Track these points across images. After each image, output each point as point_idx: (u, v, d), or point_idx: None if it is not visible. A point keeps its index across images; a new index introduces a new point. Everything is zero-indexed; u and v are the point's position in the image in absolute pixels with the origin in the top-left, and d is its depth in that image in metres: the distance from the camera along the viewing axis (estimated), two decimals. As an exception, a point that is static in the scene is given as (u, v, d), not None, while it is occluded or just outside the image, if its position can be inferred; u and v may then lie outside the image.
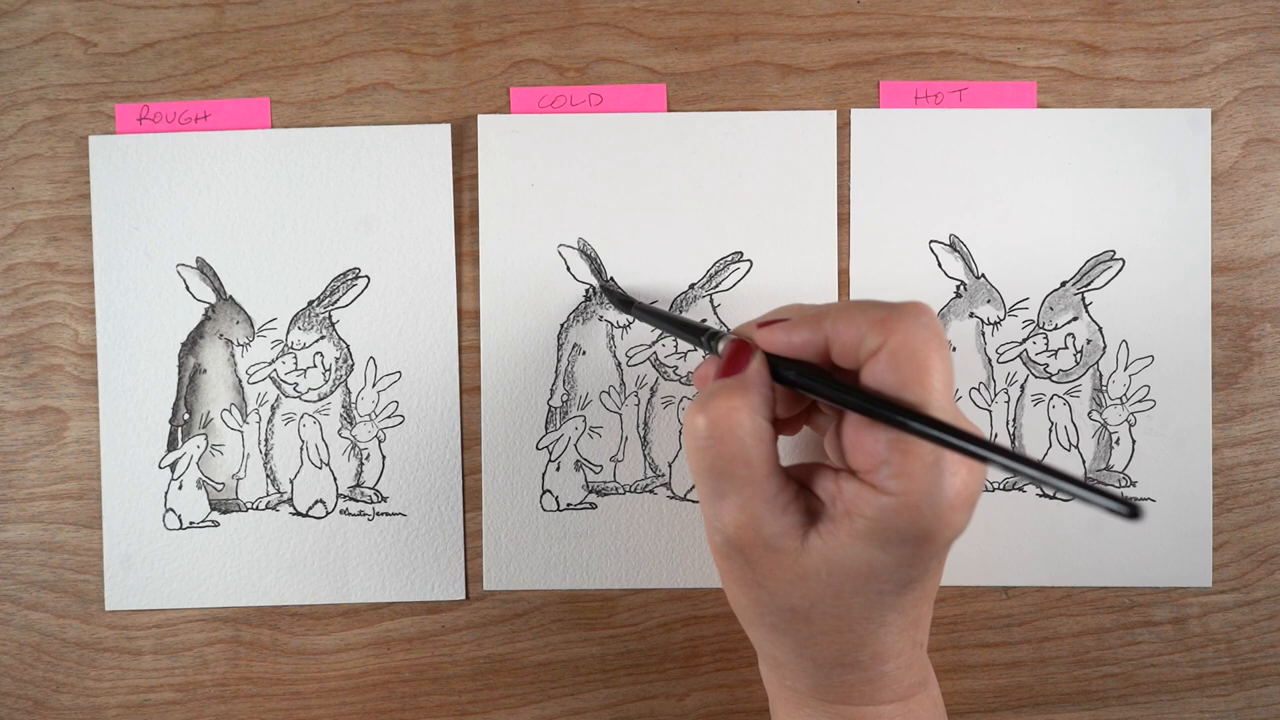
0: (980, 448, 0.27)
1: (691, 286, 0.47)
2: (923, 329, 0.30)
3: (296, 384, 0.47)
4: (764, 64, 0.47)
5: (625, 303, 0.45)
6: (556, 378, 0.47)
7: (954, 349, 0.47)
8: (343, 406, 0.47)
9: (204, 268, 0.47)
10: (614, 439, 0.47)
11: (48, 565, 0.47)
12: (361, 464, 0.47)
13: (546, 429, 0.47)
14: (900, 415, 0.29)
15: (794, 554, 0.32)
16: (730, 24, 0.47)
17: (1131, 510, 0.24)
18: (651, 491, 0.47)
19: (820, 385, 0.32)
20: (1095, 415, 0.47)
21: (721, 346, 0.35)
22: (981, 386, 0.47)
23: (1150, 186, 0.47)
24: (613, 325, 0.47)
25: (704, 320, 0.47)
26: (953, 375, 0.30)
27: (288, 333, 0.47)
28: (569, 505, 0.47)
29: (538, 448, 0.47)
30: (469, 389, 0.47)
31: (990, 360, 0.47)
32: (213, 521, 0.47)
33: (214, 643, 0.47)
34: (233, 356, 0.47)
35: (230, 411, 0.47)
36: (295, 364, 0.47)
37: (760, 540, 0.32)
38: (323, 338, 0.47)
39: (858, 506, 0.30)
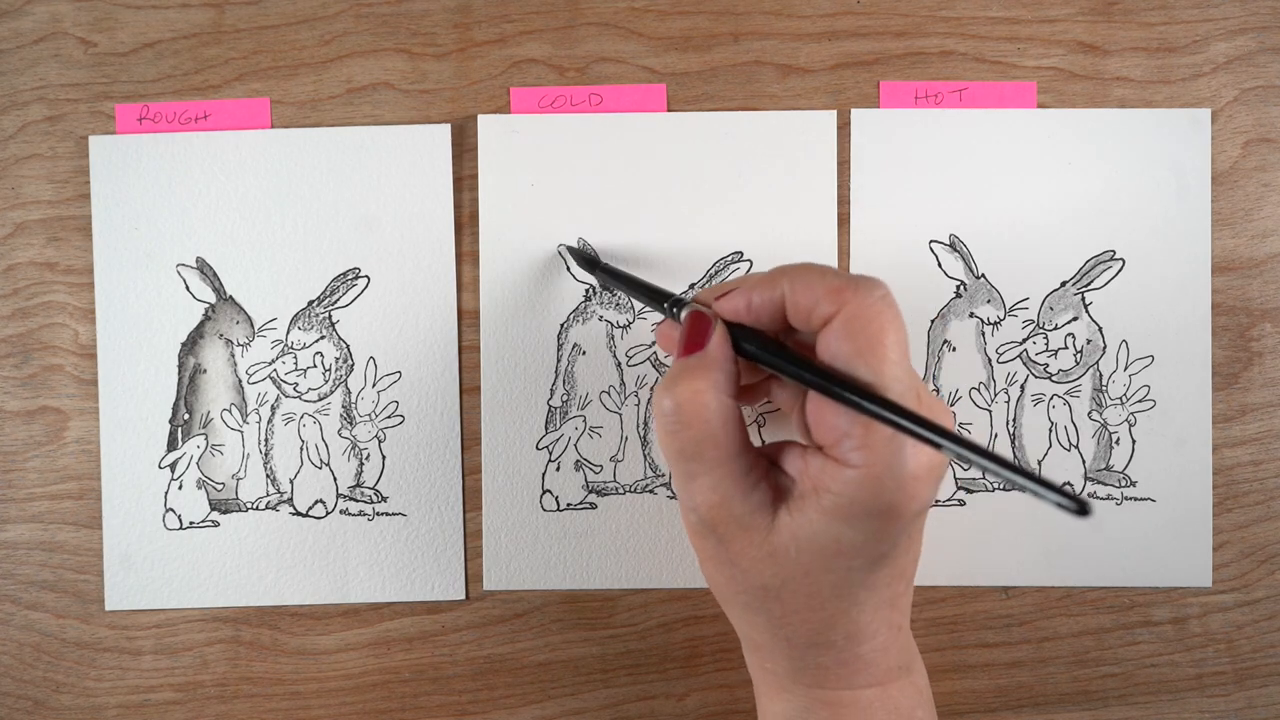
0: (926, 429, 0.27)
1: (691, 286, 0.47)
2: (877, 300, 0.30)
3: (296, 384, 0.47)
4: (764, 64, 0.47)
5: (592, 264, 0.45)
6: (556, 378, 0.47)
7: (954, 349, 0.47)
8: (343, 406, 0.47)
9: (204, 268, 0.47)
10: (614, 439, 0.47)
11: (48, 565, 0.47)
12: (361, 464, 0.47)
13: (546, 429, 0.47)
14: (849, 393, 0.29)
15: (764, 531, 0.32)
16: (730, 24, 0.47)
17: (1080, 506, 0.23)
18: (651, 491, 0.47)
19: (778, 359, 0.32)
20: (1095, 415, 0.47)
21: (683, 316, 0.35)
22: (981, 386, 0.47)
23: (1150, 186, 0.47)
24: (613, 325, 0.47)
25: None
26: (907, 346, 0.31)
27: (288, 333, 0.47)
28: (569, 505, 0.47)
29: (538, 448, 0.47)
30: (469, 389, 0.47)
31: (990, 360, 0.47)
32: (213, 521, 0.47)
33: (214, 643, 0.47)
34: (233, 356, 0.47)
35: (230, 411, 0.47)
36: (295, 364, 0.47)
37: (731, 518, 0.32)
38: (323, 338, 0.47)
39: (824, 482, 0.31)
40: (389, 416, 0.47)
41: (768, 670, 0.36)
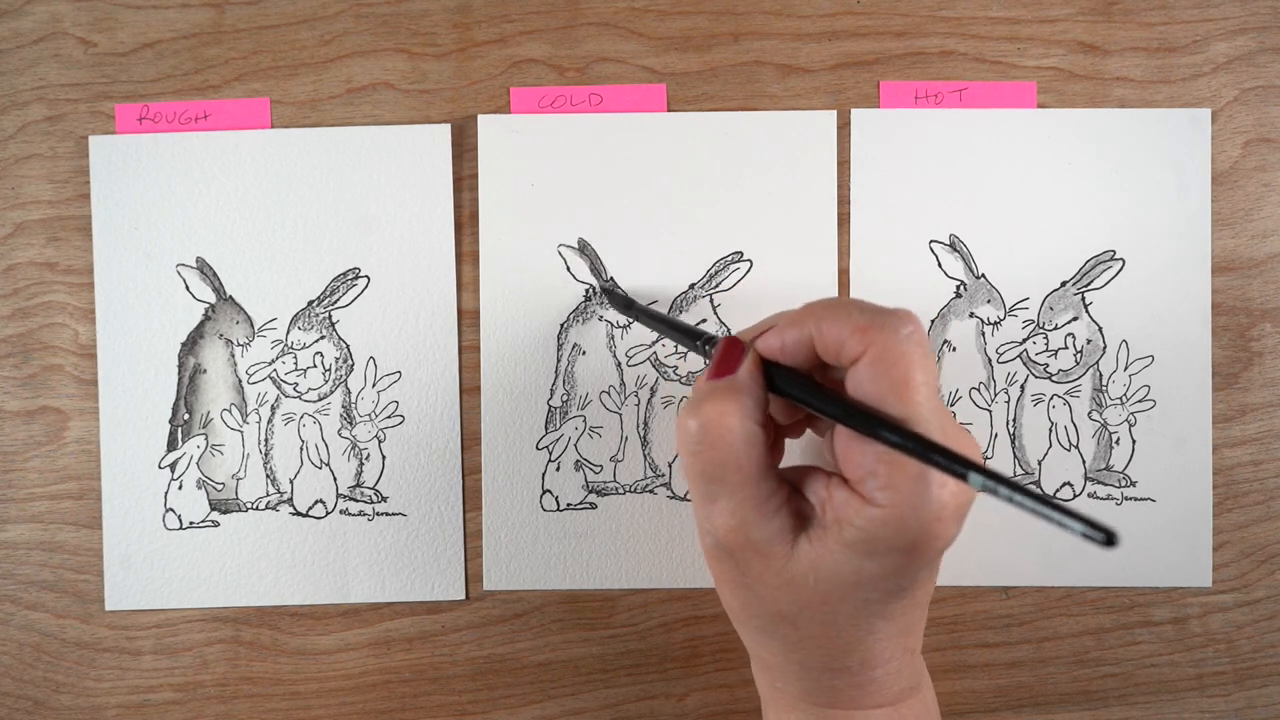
0: (958, 464, 0.27)
1: (691, 286, 0.47)
2: (903, 340, 0.30)
3: (296, 384, 0.47)
4: (764, 64, 0.47)
5: (626, 304, 0.45)
6: (556, 378, 0.47)
7: (954, 349, 0.47)
8: (343, 406, 0.47)
9: (204, 268, 0.47)
10: (614, 439, 0.47)
11: (48, 565, 0.47)
12: (361, 464, 0.47)
13: (546, 429, 0.47)
14: (880, 430, 0.29)
15: (782, 559, 0.32)
16: (730, 24, 0.47)
17: (1108, 537, 0.23)
18: (651, 491, 0.47)
19: (807, 395, 0.32)
20: (1095, 415, 0.47)
21: (712, 354, 0.35)
22: (981, 386, 0.47)
23: (1150, 186, 0.47)
24: (613, 325, 0.47)
25: (703, 321, 0.47)
26: (937, 384, 0.30)
27: (288, 333, 0.47)
28: (569, 505, 0.47)
29: (538, 448, 0.47)
30: (469, 389, 0.47)
31: (990, 360, 0.47)
32: (213, 521, 0.47)
33: (214, 643, 0.47)
34: (233, 356, 0.47)
35: (230, 411, 0.47)
36: (295, 364, 0.47)
37: (749, 544, 0.32)
38: (323, 338, 0.47)
39: (846, 515, 0.31)
40: (389, 416, 0.47)
41: (778, 689, 0.36)
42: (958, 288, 0.47)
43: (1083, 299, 0.47)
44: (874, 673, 0.33)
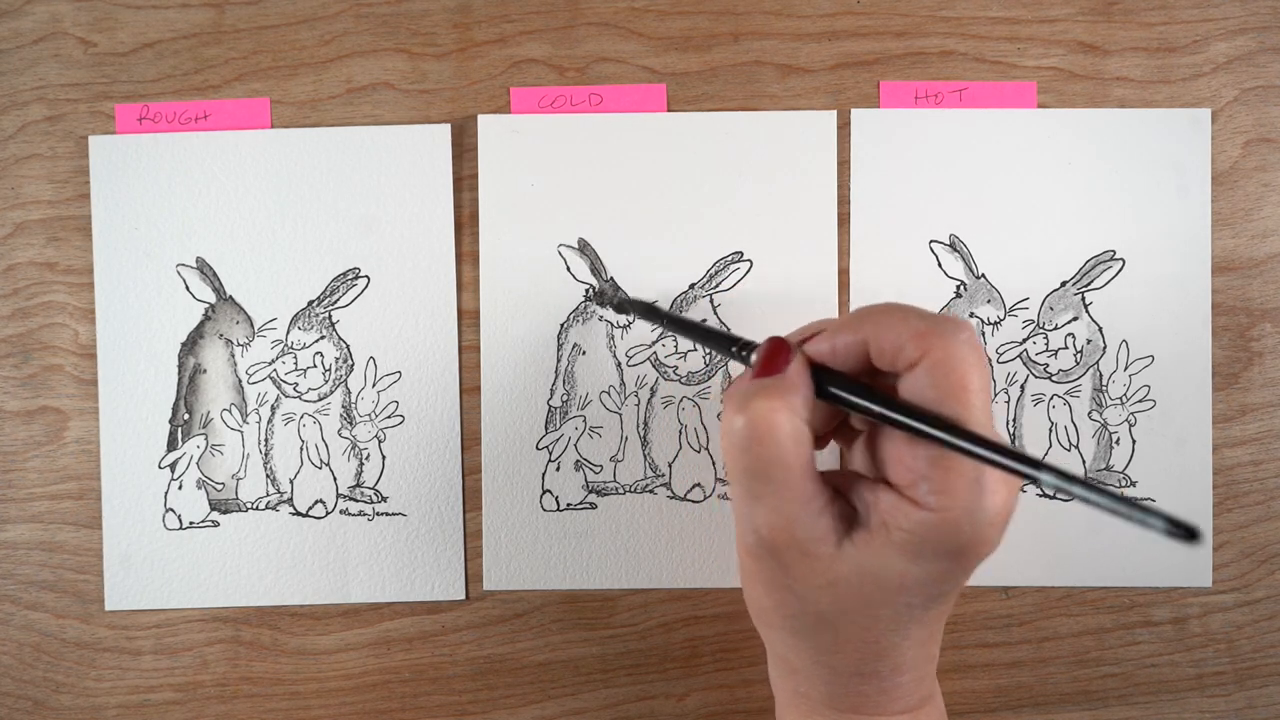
0: (1029, 466, 0.27)
1: (691, 286, 0.47)
2: (963, 345, 0.30)
3: (296, 384, 0.47)
4: (764, 64, 0.47)
5: (651, 311, 0.42)
6: (556, 378, 0.47)
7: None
8: (343, 406, 0.47)
9: (204, 268, 0.47)
10: (614, 439, 0.47)
11: (48, 565, 0.47)
12: (361, 464, 0.47)
13: (546, 429, 0.47)
14: (948, 433, 0.29)
15: (828, 559, 0.31)
16: (730, 24, 0.47)
17: (1189, 533, 0.23)
18: (651, 491, 0.47)
19: (864, 401, 0.31)
20: (1095, 415, 0.47)
21: (756, 354, 0.34)
22: (981, 386, 0.47)
23: (1150, 186, 0.47)
24: (613, 325, 0.47)
25: (702, 321, 0.47)
26: (990, 392, 0.31)
27: (288, 333, 0.47)
28: (569, 505, 0.47)
29: (538, 448, 0.47)
30: (469, 389, 0.47)
31: (990, 360, 0.47)
32: (213, 521, 0.47)
33: (214, 643, 0.47)
34: (233, 356, 0.47)
35: (230, 411, 0.47)
36: (295, 364, 0.47)
37: (794, 543, 0.31)
38: (323, 338, 0.47)
39: (895, 519, 0.30)
40: (389, 416, 0.47)
41: (800, 694, 0.35)
42: (958, 288, 0.47)
43: (1083, 299, 0.47)
44: (901, 679, 0.34)
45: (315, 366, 0.47)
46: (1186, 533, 0.23)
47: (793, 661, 0.35)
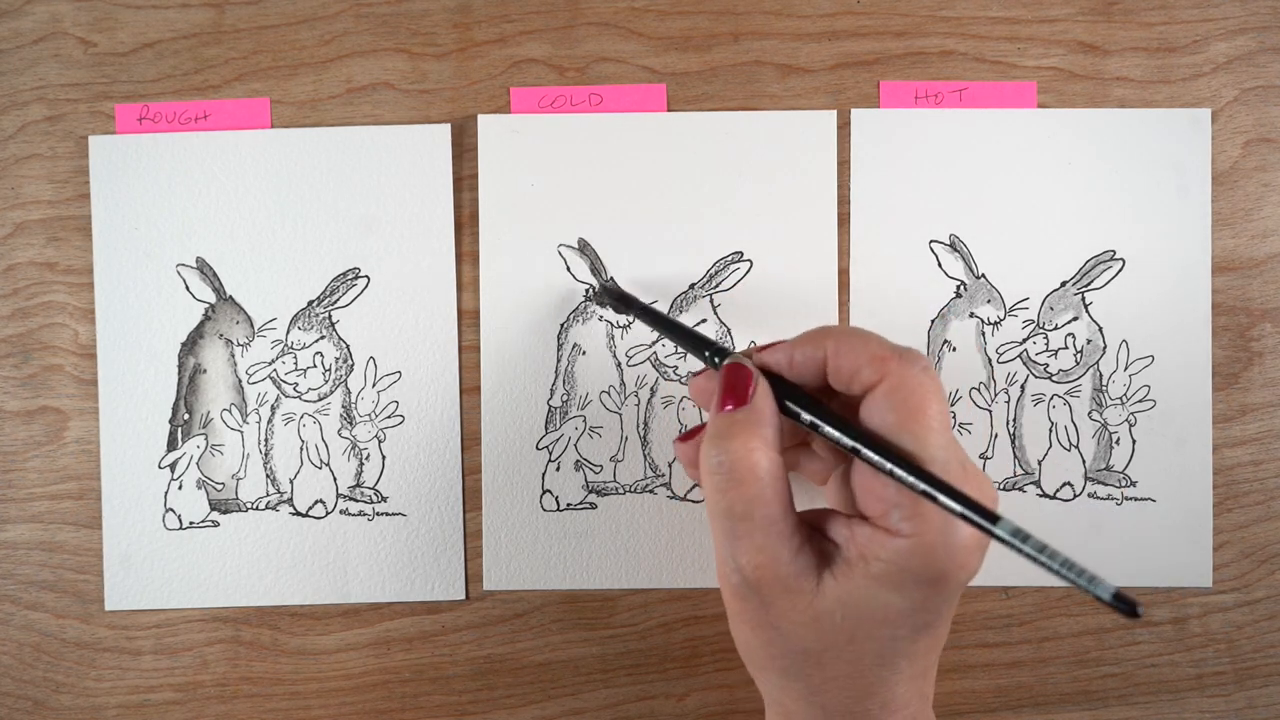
0: (977, 515, 0.27)
1: (691, 286, 0.47)
2: (921, 372, 0.30)
3: (296, 384, 0.47)
4: (764, 64, 0.47)
5: (627, 302, 0.45)
6: (556, 378, 0.47)
7: (954, 349, 0.47)
8: (343, 406, 0.47)
9: (204, 268, 0.47)
10: (614, 439, 0.47)
11: (48, 565, 0.47)
12: (361, 464, 0.47)
13: (546, 429, 0.47)
14: (900, 468, 0.29)
15: (809, 595, 0.32)
16: (730, 24, 0.47)
17: (1131, 608, 0.24)
18: (651, 491, 0.47)
19: (824, 422, 0.32)
20: (1095, 415, 0.47)
21: (719, 381, 0.35)
22: (981, 386, 0.47)
23: (1150, 186, 0.47)
24: (613, 325, 0.47)
25: (702, 321, 0.47)
26: (949, 419, 0.31)
27: (288, 333, 0.47)
28: (569, 505, 0.47)
29: (538, 448, 0.47)
30: (469, 389, 0.47)
31: (990, 360, 0.47)
32: (213, 521, 0.47)
33: (214, 643, 0.47)
34: (233, 356, 0.47)
35: (230, 411, 0.47)
36: (295, 364, 0.47)
37: (777, 580, 0.32)
38: (323, 338, 0.47)
39: (872, 549, 0.31)
40: (389, 416, 0.47)
41: None
42: (958, 288, 0.47)
43: (1083, 299, 0.47)
44: (893, 718, 0.33)
45: (315, 366, 0.47)
46: (1128, 607, 0.24)
47: (786, 705, 0.35)
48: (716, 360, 0.36)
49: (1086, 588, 0.25)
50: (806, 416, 0.32)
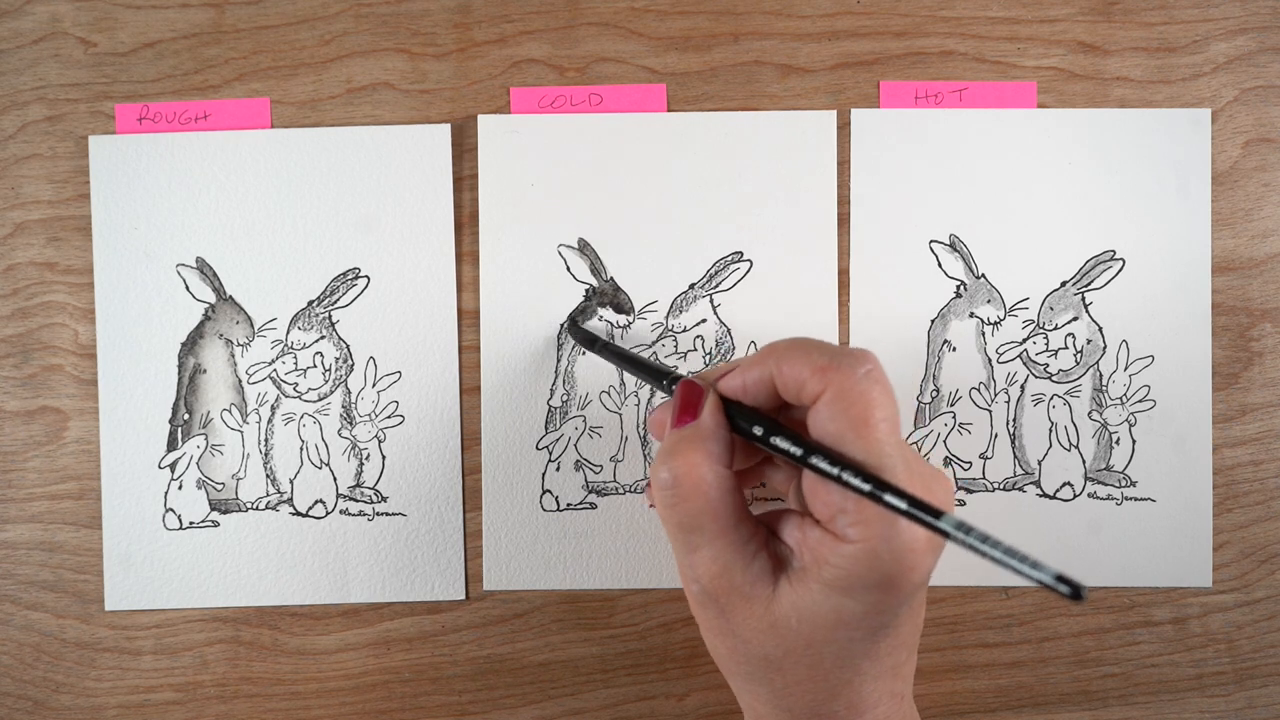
0: (919, 510, 0.27)
1: (691, 286, 0.47)
2: (862, 379, 0.30)
3: (296, 384, 0.47)
4: (764, 64, 0.47)
5: (589, 340, 0.45)
6: (556, 378, 0.47)
7: (954, 349, 0.47)
8: (343, 406, 0.47)
9: (204, 268, 0.47)
10: (614, 439, 0.47)
11: (48, 565, 0.47)
12: (361, 464, 0.47)
13: (546, 429, 0.47)
14: (844, 473, 0.29)
15: (765, 601, 0.32)
16: (730, 24, 0.47)
17: (1075, 590, 0.24)
18: (651, 491, 0.47)
19: (768, 439, 0.32)
20: (1095, 415, 0.47)
21: (673, 400, 0.35)
22: (981, 386, 0.47)
23: (1150, 186, 0.47)
24: (613, 325, 0.47)
25: (702, 321, 0.47)
26: (897, 419, 0.31)
27: (288, 333, 0.47)
28: (569, 505, 0.47)
29: (538, 448, 0.47)
30: (469, 389, 0.47)
31: (990, 360, 0.47)
32: (213, 521, 0.47)
33: (214, 643, 0.47)
34: (233, 356, 0.47)
35: (230, 411, 0.47)
36: (295, 364, 0.47)
37: (733, 589, 0.32)
38: (323, 338, 0.47)
39: (822, 554, 0.31)
40: (389, 416, 0.47)
41: None
42: (958, 288, 0.47)
43: (1083, 299, 0.47)
44: (862, 718, 0.33)
45: (315, 366, 0.47)
46: (1073, 589, 0.24)
47: (756, 708, 0.35)
48: (673, 389, 0.36)
49: (1029, 574, 0.25)
50: (756, 430, 0.32)
